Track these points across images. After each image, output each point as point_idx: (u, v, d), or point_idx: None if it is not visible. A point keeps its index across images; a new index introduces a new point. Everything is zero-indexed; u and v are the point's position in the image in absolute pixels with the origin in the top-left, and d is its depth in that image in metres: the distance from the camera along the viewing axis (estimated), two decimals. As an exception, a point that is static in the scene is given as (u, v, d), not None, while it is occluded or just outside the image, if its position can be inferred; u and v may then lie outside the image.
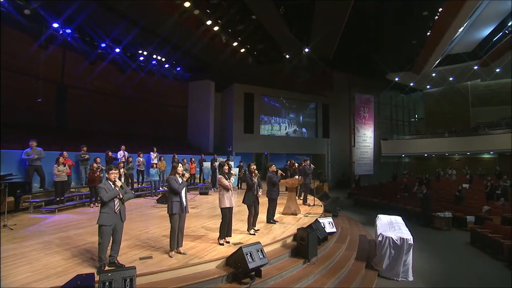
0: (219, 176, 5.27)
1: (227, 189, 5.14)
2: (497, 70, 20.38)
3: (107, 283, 3.23)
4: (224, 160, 13.82)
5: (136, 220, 7.03)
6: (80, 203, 8.73)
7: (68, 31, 12.88)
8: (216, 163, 12.55)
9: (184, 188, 4.67)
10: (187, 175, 4.72)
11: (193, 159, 13.31)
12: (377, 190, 18.55)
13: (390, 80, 23.86)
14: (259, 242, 4.57)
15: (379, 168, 25.12)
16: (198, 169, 13.88)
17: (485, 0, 13.26)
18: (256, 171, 6.25)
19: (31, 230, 5.96)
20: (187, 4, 11.09)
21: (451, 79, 23.08)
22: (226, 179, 5.17)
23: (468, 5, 12.78)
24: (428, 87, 26.13)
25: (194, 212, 8.08)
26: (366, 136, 24.82)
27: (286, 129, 22.41)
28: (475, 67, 20.49)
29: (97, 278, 3.37)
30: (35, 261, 4.20)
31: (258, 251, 4.32)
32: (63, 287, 3.06)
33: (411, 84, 24.56)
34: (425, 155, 25.26)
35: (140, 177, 11.59)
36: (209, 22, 12.72)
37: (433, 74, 22.54)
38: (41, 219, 6.91)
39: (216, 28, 13.28)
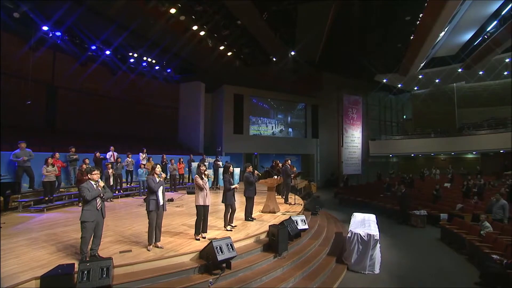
0: (195, 175, 5.65)
1: (201, 188, 5.52)
2: (480, 72, 21.06)
3: (86, 272, 3.61)
4: (213, 160, 14.34)
5: (122, 218, 7.38)
6: (69, 202, 9.03)
7: (58, 33, 13.08)
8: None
9: (162, 187, 5.04)
10: (163, 175, 5.09)
11: (181, 159, 13.66)
12: (362, 189, 19.07)
13: (379, 82, 24.40)
14: (229, 237, 4.97)
15: (367, 168, 25.69)
16: (186, 169, 14.20)
17: (465, 1, 13.75)
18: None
19: (19, 227, 6.27)
20: (173, 11, 11.45)
21: (437, 81, 23.72)
22: (201, 179, 5.55)
23: (447, 10, 13.30)
24: (415, 88, 26.71)
25: (178, 210, 8.45)
26: (354, 136, 25.38)
27: (272, 128, 22.84)
28: (460, 70, 21.08)
29: (77, 268, 3.73)
30: (22, 255, 4.54)
31: (227, 245, 4.72)
32: (45, 275, 3.42)
33: (399, 85, 25.02)
34: (412, 155, 25.91)
35: (129, 177, 11.95)
36: (195, 27, 13.05)
37: (420, 76, 23.10)
38: (30, 218, 7.19)
39: (202, 33, 13.60)
